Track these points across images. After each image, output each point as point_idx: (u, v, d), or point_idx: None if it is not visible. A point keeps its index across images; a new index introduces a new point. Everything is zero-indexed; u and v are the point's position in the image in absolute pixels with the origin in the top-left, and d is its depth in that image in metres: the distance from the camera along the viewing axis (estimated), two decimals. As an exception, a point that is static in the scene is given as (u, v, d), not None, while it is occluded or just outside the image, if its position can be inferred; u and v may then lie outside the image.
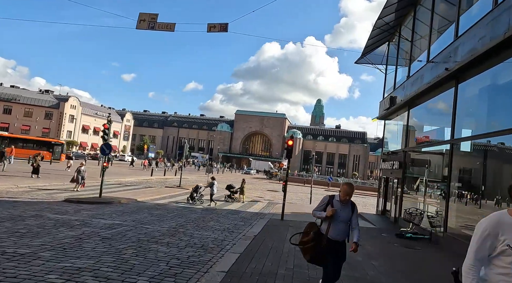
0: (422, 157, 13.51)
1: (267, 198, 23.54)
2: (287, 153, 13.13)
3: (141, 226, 9.25)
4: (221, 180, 38.75)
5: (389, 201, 17.08)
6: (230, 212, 14.75)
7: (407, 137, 14.33)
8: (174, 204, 15.18)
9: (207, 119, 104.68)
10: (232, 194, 18.94)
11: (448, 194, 9.86)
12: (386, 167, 16.55)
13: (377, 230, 12.50)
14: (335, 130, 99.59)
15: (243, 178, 20.78)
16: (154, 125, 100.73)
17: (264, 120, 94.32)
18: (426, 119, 13.61)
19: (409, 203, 13.98)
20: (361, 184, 49.88)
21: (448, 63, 9.92)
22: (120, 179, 25.04)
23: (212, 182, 16.55)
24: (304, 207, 19.84)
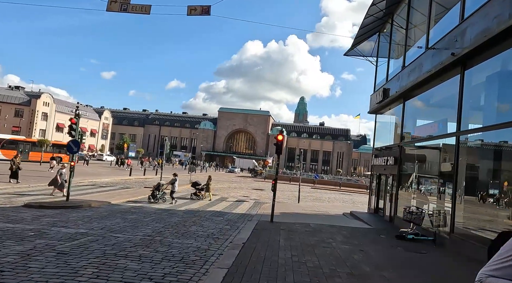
0: (420, 152, 12.72)
1: (253, 197, 22.41)
2: (277, 148, 12.04)
3: (110, 234, 7.90)
4: (204, 179, 37.36)
5: (382, 198, 16.31)
6: (215, 214, 13.52)
7: (402, 131, 13.52)
8: (152, 206, 13.80)
9: (189, 117, 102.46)
10: (198, 191, 18.08)
11: (454, 191, 9.02)
12: (379, 163, 15.74)
13: (374, 231, 11.60)
14: (319, 128, 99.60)
15: (209, 175, 19.72)
16: (135, 123, 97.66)
17: (248, 118, 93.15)
18: (425, 111, 12.84)
19: (406, 201, 13.18)
20: (346, 181, 49.57)
21: (453, 48, 9.06)
22: (95, 179, 23.28)
23: (174, 179, 15.40)
24: (292, 206, 18.86)
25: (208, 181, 18.24)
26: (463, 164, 9.08)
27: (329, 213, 17.10)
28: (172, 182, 15.45)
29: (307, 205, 20.10)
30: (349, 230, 11.42)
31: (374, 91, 17.72)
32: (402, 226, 12.09)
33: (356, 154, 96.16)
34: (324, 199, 26.91)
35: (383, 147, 15.40)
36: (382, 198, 16.19)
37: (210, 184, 18.25)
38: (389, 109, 16.31)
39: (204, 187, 18.20)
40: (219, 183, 32.29)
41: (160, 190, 15.16)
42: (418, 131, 11.97)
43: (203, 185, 18.27)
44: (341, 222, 13.35)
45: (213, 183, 31.68)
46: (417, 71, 11.59)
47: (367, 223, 13.33)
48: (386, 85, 15.34)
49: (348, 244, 8.65)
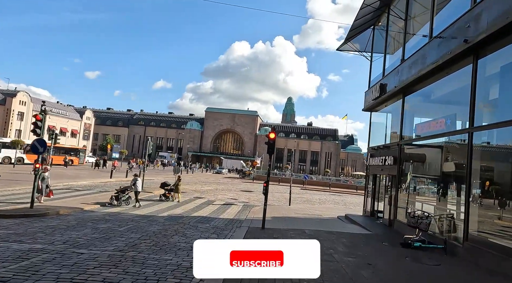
0: (423, 151, 11.84)
1: (242, 200, 21.25)
2: (269, 148, 10.93)
3: (72, 250, 6.61)
4: (190, 180, 35.94)
5: (378, 200, 15.43)
6: (200, 220, 12.30)
7: (402, 129, 12.63)
8: (130, 213, 12.47)
9: (176, 117, 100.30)
10: (167, 192, 17.33)
11: (468, 194, 8.10)
12: (376, 163, 14.84)
13: (375, 237, 10.62)
14: (306, 128, 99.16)
15: (178, 175, 18.85)
16: (119, 123, 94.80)
17: (236, 118, 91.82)
18: (428, 107, 11.98)
19: (407, 204, 12.29)
20: (335, 181, 48.95)
21: (465, 35, 8.15)
22: (71, 182, 21.65)
23: (135, 179, 14.23)
24: (283, 209, 17.81)
25: (177, 182, 17.38)
26: (476, 164, 8.17)
27: (323, 216, 16.11)
28: (133, 182, 14.27)
29: (299, 208, 19.08)
30: (348, 237, 10.40)
31: (369, 88, 16.84)
32: (403, 231, 11.18)
33: (344, 154, 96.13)
34: (315, 201, 25.98)
35: (380, 146, 14.51)
36: (379, 200, 15.31)
37: (179, 184, 17.46)
38: (385, 106, 15.43)
39: (173, 187, 17.39)
40: (206, 185, 31.01)
41: (125, 193, 14.29)
42: (420, 129, 11.09)
43: (172, 186, 17.44)
44: (337, 227, 12.35)
45: (199, 185, 30.50)
46: (420, 63, 10.69)
47: (365, 228, 12.36)
48: (383, 81, 14.46)
49: (352, 256, 7.60)
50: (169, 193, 17.27)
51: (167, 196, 17.18)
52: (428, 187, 11.27)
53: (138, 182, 14.36)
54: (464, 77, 8.93)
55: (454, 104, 10.14)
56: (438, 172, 10.65)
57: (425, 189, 11.56)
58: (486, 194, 8.02)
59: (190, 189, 25.56)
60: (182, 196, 18.42)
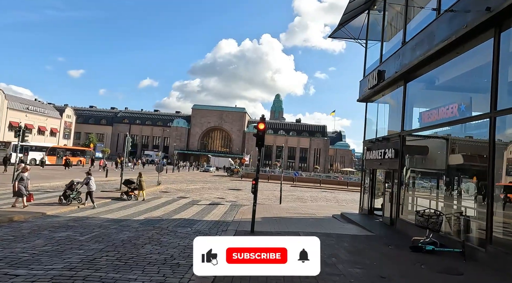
0: (430, 142, 10.70)
1: (229, 199, 19.87)
2: (257, 140, 9.57)
3: (5, 272, 5.11)
4: (176, 179, 34.16)
5: (376, 197, 14.32)
6: (181, 223, 10.88)
7: (404, 119, 11.46)
8: (101, 217, 10.94)
9: (161, 115, 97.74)
10: (130, 190, 16.00)
11: (491, 189, 6.94)
12: (373, 156, 13.69)
13: (379, 240, 9.42)
14: (295, 125, 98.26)
15: (140, 172, 17.49)
16: (102, 122, 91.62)
17: (223, 115, 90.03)
18: (434, 94, 10.84)
19: (411, 200, 11.18)
20: (326, 178, 48.05)
21: (486, 3, 6.97)
22: (44, 183, 19.82)
23: (88, 178, 12.83)
24: (274, 209, 16.51)
25: (139, 178, 16.10)
26: (500, 155, 7.02)
27: (316, 215, 14.89)
28: (85, 181, 12.83)
29: (290, 207, 17.82)
30: (349, 239, 9.17)
31: (364, 76, 15.67)
32: (407, 231, 10.05)
33: (332, 150, 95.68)
34: (306, 198, 24.82)
35: (379, 138, 13.34)
36: (377, 197, 14.20)
37: (143, 181, 16.17)
38: (383, 95, 14.29)
39: (137, 186, 16.07)
40: (192, 184, 29.48)
41: (74, 190, 13.07)
42: (427, 117, 9.92)
43: (136, 184, 16.09)
44: (335, 228, 11.13)
45: (185, 184, 28.94)
46: (427, 43, 9.50)
47: (365, 228, 11.17)
48: (380, 67, 13.28)
49: (358, 265, 6.34)
50: (132, 192, 15.92)
51: (129, 194, 15.80)
52: (435, 182, 10.13)
53: (92, 181, 12.89)
54: (481, 56, 7.78)
55: (467, 88, 8.99)
56: (447, 165, 9.51)
57: (431, 184, 10.43)
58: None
59: (174, 188, 24.04)
60: (165, 196, 16.99)
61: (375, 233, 10.26)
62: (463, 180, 8.85)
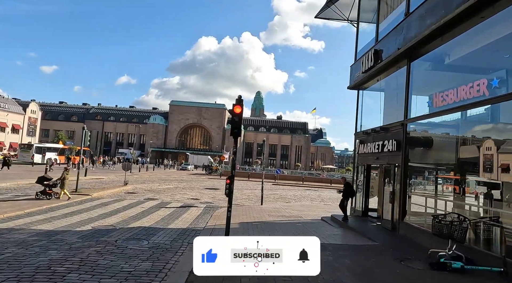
0: (442, 131, 8.96)
1: (205, 200, 17.68)
2: (233, 127, 7.48)
3: None
4: (148, 178, 31.23)
5: (371, 196, 12.56)
6: (138, 233, 8.63)
7: (408, 104, 9.67)
8: (32, 228, 8.51)
9: (137, 112, 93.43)
10: (48, 189, 13.36)
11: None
12: (368, 150, 11.91)
13: (385, 251, 7.56)
14: (276, 121, 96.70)
15: (65, 167, 14.93)
16: (73, 118, 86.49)
17: (202, 112, 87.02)
18: (445, 75, 9.08)
19: (418, 201, 9.42)
20: (308, 175, 46.55)
21: None
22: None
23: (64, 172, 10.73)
24: (255, 211, 14.46)
25: (64, 174, 13.66)
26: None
27: (303, 218, 12.98)
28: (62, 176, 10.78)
29: (273, 208, 15.84)
30: (350, 253, 7.25)
31: (356, 60, 13.88)
32: (415, 238, 8.30)
33: (313, 148, 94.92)
34: (289, 197, 22.96)
35: (376, 129, 11.52)
36: (372, 196, 12.45)
37: (66, 177, 13.70)
38: (378, 80, 12.54)
39: (58, 182, 13.53)
40: (165, 183, 26.97)
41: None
42: (440, 100, 8.11)
43: (57, 180, 13.57)
44: (328, 236, 9.21)
45: (157, 183, 26.39)
46: (442, 7, 7.70)
47: (363, 235, 9.32)
48: (377, 46, 11.48)
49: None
50: (50, 190, 13.36)
51: (47, 192, 13.22)
52: (448, 179, 8.39)
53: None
54: None
55: (495, 62, 7.23)
56: (468, 158, 7.76)
57: (443, 182, 8.68)
58: None
59: (144, 188, 21.55)
60: (129, 198, 14.62)
61: (378, 242, 8.40)
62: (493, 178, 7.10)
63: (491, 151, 6.86)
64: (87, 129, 16.47)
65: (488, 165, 6.81)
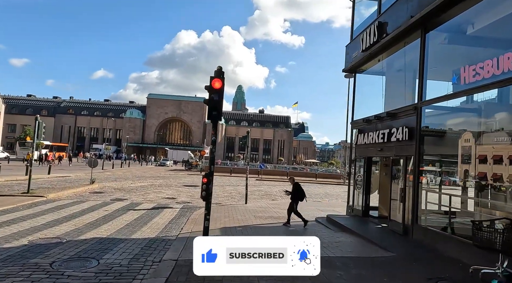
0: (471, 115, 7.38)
1: (182, 199, 15.70)
2: (211, 107, 5.61)
3: None
4: (121, 175, 28.49)
5: (372, 192, 11.01)
6: (87, 249, 6.62)
7: (423, 83, 8.04)
8: None
9: (113, 105, 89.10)
10: None
11: None
12: (370, 140, 10.30)
13: (407, 266, 5.93)
14: (258, 115, 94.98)
15: None
16: (43, 113, 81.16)
17: (182, 105, 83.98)
18: (471, 49, 7.49)
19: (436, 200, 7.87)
20: (292, 170, 45.16)
21: None
22: None
23: None
24: (238, 211, 12.63)
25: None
26: None
27: (294, 219, 11.23)
28: None
29: (259, 207, 14.09)
30: (365, 269, 5.58)
31: (352, 39, 12.21)
32: (437, 246, 6.75)
33: (296, 142, 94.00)
34: (275, 194, 21.28)
35: (381, 114, 9.86)
36: (371, 193, 10.90)
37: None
38: (379, 61, 10.93)
39: None
40: (140, 181, 24.67)
41: None
42: (471, 75, 6.51)
43: None
44: (330, 244, 7.52)
45: (130, 181, 24.01)
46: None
47: (371, 242, 7.69)
48: (381, 18, 9.82)
49: None
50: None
51: None
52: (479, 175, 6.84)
53: None
54: None
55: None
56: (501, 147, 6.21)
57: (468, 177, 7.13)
58: None
59: (114, 187, 19.26)
60: (93, 199, 12.47)
61: (393, 253, 6.76)
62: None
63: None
64: (40, 121, 13.98)
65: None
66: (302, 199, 10.00)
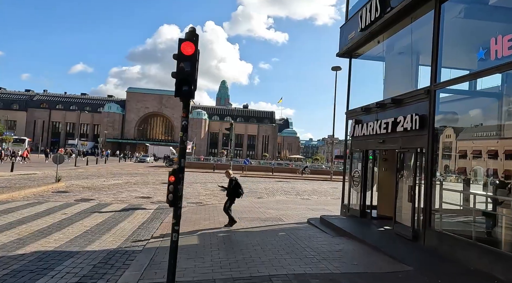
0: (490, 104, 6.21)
1: (158, 199, 14.12)
2: (181, 79, 4.15)
3: None
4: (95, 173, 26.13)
5: (369, 189, 9.80)
6: (18, 269, 5.06)
7: (438, 63, 6.83)
8: None
9: (90, 99, 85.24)
10: None
11: None
12: (370, 131, 9.07)
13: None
14: (242, 110, 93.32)
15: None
16: (14, 106, 76.84)
17: (163, 100, 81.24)
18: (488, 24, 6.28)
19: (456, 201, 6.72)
20: (277, 166, 44.01)
21: None
22: None
23: None
24: (220, 212, 11.14)
25: None
26: None
27: (284, 221, 9.98)
28: None
29: (243, 206, 12.71)
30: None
31: (349, 19, 10.93)
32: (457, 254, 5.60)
33: (280, 137, 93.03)
34: (261, 191, 19.99)
35: (384, 101, 8.61)
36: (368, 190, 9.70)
37: None
38: (378, 42, 9.70)
39: None
40: (114, 178, 22.79)
41: None
42: (506, 47, 5.33)
43: None
44: (330, 254, 6.22)
45: (103, 179, 22.07)
46: None
47: (378, 250, 6.44)
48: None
49: None
50: None
51: None
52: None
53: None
54: None
55: None
56: None
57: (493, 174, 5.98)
58: None
59: (82, 185, 17.41)
60: (54, 200, 10.73)
61: (409, 265, 5.52)
62: None
63: None
64: None
65: None
66: (239, 196, 8.91)
